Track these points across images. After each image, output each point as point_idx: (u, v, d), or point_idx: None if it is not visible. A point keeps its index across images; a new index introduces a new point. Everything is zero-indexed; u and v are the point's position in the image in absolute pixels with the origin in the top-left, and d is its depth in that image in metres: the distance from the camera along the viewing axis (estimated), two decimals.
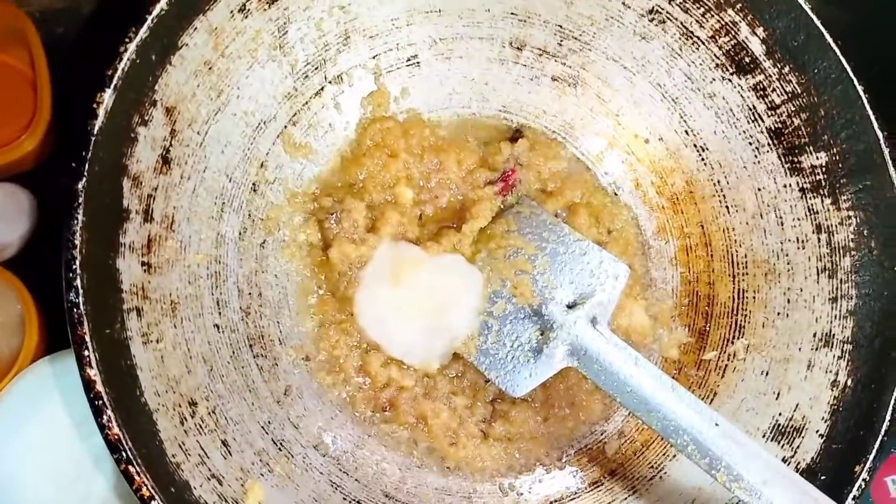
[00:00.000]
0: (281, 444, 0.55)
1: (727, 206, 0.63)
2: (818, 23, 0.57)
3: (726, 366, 0.61)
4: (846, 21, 0.79)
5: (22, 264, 0.60)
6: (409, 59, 0.63)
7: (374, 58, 0.62)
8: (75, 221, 0.45)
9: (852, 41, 0.58)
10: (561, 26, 0.63)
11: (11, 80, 0.63)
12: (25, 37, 0.61)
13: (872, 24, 0.78)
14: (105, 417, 0.44)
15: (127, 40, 0.48)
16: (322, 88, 0.61)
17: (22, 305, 0.57)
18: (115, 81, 0.47)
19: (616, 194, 0.66)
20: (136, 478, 0.44)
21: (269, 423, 0.55)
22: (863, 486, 0.52)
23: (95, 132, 0.46)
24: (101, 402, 0.44)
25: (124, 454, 0.44)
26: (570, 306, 0.59)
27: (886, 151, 0.56)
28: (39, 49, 0.61)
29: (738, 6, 0.59)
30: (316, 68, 0.60)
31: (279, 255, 0.59)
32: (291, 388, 0.57)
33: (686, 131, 0.64)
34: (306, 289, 0.60)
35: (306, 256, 0.60)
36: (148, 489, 0.44)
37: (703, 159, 0.64)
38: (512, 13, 0.63)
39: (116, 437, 0.44)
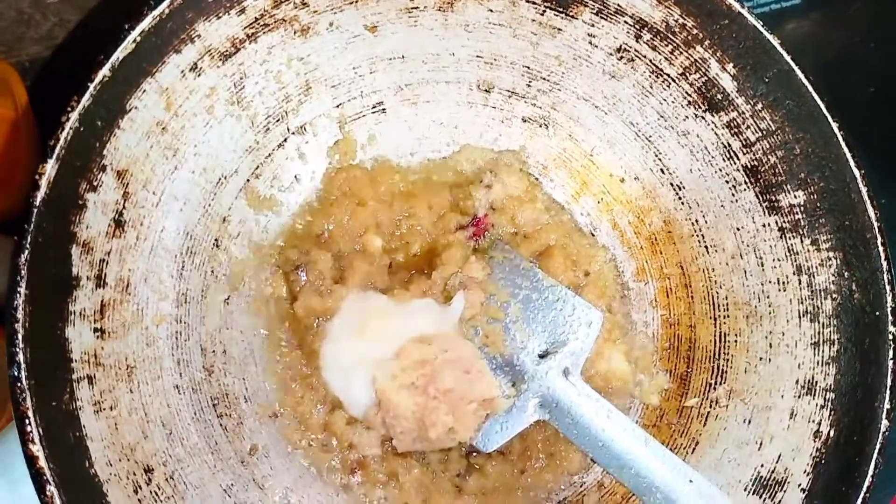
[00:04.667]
0: None
1: (706, 246, 0.61)
2: (788, 58, 0.55)
3: (708, 413, 0.59)
4: (843, 41, 0.77)
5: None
6: (374, 106, 0.62)
7: (338, 107, 0.61)
8: (17, 295, 0.45)
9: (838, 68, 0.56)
10: (528, 67, 0.62)
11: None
12: (10, 86, 0.61)
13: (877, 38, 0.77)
14: (48, 494, 0.44)
15: (69, 109, 0.47)
16: (285, 140, 0.60)
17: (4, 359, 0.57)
18: (56, 151, 0.47)
19: (593, 235, 0.65)
20: None
21: (231, 485, 0.54)
22: None
23: (37, 203, 0.46)
24: (43, 477, 0.44)
25: None
26: (542, 356, 0.57)
27: (864, 190, 0.54)
28: (24, 98, 0.61)
29: (707, 43, 0.57)
30: (277, 120, 0.59)
31: (245, 311, 0.59)
32: (257, 447, 0.56)
33: (661, 170, 0.62)
34: (273, 344, 0.59)
35: (273, 311, 0.59)
36: None
37: (680, 198, 0.62)
38: (478, 56, 0.62)
39: None
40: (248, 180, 0.59)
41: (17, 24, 0.68)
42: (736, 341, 0.59)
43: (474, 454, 0.59)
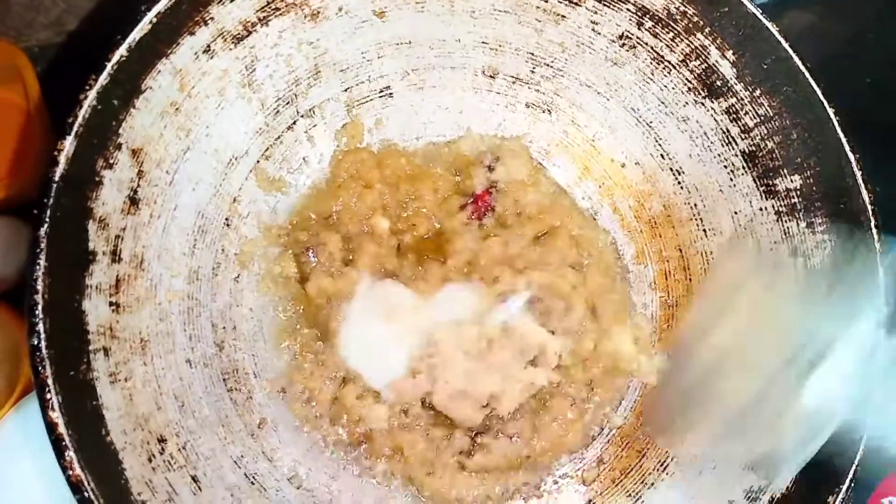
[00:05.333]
0: (254, 477, 0.55)
1: (704, 230, 0.63)
2: (786, 45, 0.56)
3: None
4: (843, 33, 0.78)
5: (20, 296, 0.61)
6: (381, 91, 0.64)
7: (346, 90, 0.63)
8: (37, 267, 0.46)
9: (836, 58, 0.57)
10: (532, 54, 0.63)
11: (9, 115, 0.64)
12: (21, 72, 0.63)
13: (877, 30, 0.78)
14: (67, 458, 0.45)
15: (87, 87, 0.49)
16: (294, 122, 0.62)
17: (18, 336, 0.58)
18: (75, 129, 0.48)
19: (594, 218, 0.66)
20: None
21: (241, 457, 0.56)
22: None
23: (56, 179, 0.47)
24: (63, 443, 0.45)
25: (86, 494, 0.45)
26: None
27: (859, 174, 0.55)
28: (34, 83, 0.62)
29: (707, 30, 0.58)
30: (287, 103, 0.61)
31: (254, 289, 0.60)
32: (266, 420, 0.58)
33: (662, 155, 0.64)
34: (281, 321, 0.60)
35: (282, 289, 0.61)
36: None
37: (679, 183, 0.63)
38: (483, 42, 0.63)
39: (78, 477, 0.45)
40: (257, 161, 0.60)
41: (27, 10, 0.70)
42: None
43: (481, 434, 0.61)
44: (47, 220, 0.47)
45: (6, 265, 0.62)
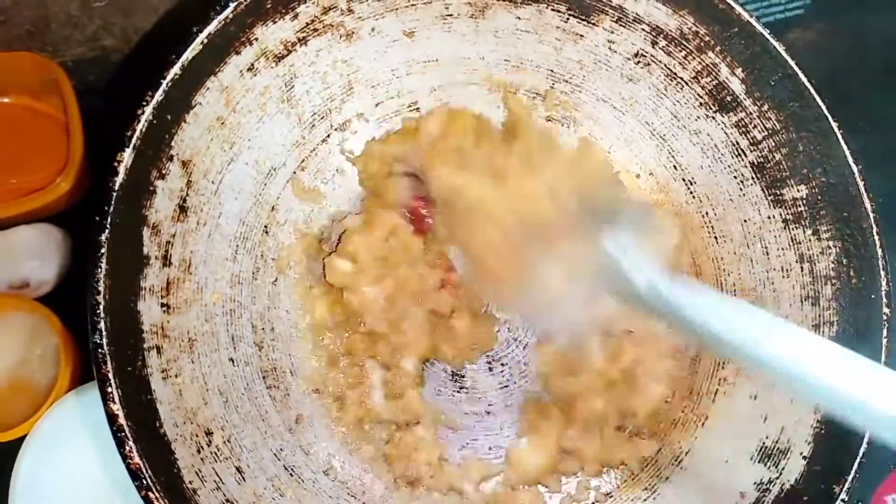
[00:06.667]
0: (292, 469, 0.59)
1: (715, 237, 0.66)
2: (793, 63, 0.60)
3: (717, 390, 0.64)
4: (844, 49, 0.82)
5: (58, 299, 0.64)
6: (409, 105, 0.67)
7: (377, 105, 0.66)
8: (99, 269, 0.50)
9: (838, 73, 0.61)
10: (552, 70, 0.67)
11: (47, 127, 0.68)
12: (58, 85, 0.66)
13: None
14: (127, 448, 0.49)
15: (144, 103, 0.53)
16: (328, 136, 0.65)
17: (58, 338, 0.61)
18: (133, 141, 0.52)
19: None
20: (156, 503, 0.49)
21: (280, 450, 0.59)
22: None
23: (116, 188, 0.51)
24: (123, 434, 0.49)
25: (144, 481, 0.49)
26: None
27: (861, 185, 0.59)
28: (72, 96, 0.65)
29: (718, 49, 0.62)
30: (322, 118, 0.65)
31: (290, 293, 0.64)
32: (302, 416, 0.61)
33: (674, 166, 0.67)
34: (316, 324, 0.64)
35: (318, 294, 0.64)
36: None
37: (691, 192, 0.67)
38: (505, 59, 0.67)
39: (137, 465, 0.49)
40: (294, 172, 0.64)
41: (65, 27, 0.73)
42: None
43: None
44: (108, 226, 0.51)
45: (46, 270, 0.65)
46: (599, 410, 0.62)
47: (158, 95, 0.53)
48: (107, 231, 0.51)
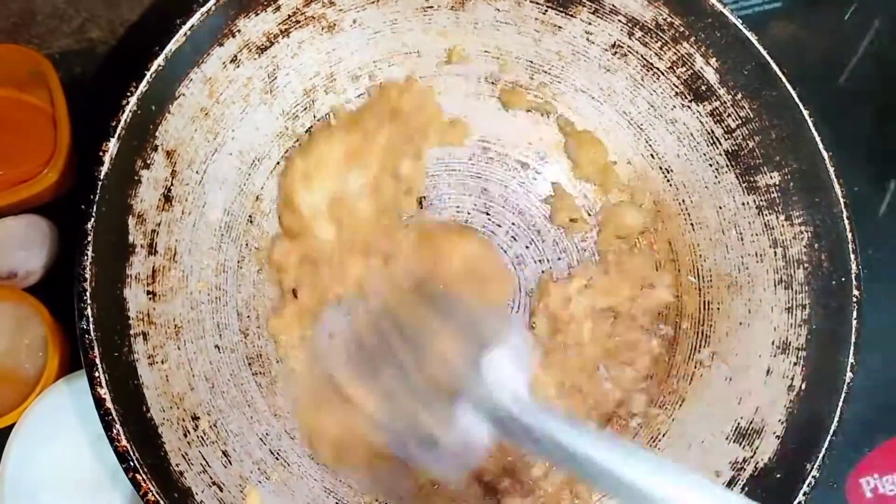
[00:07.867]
0: (278, 453, 0.60)
1: (692, 224, 0.67)
2: (765, 53, 0.61)
3: (693, 373, 0.65)
4: (822, 43, 0.84)
5: (44, 289, 0.65)
6: None
7: (359, 97, 0.68)
8: (85, 257, 0.51)
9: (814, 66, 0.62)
10: (531, 62, 0.68)
11: (33, 119, 0.68)
12: (45, 78, 0.66)
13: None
14: (114, 431, 0.50)
15: (129, 93, 0.54)
16: (311, 126, 0.66)
17: (45, 328, 0.62)
18: (118, 131, 0.53)
19: (590, 214, 0.71)
20: (143, 484, 0.50)
21: (266, 434, 0.60)
22: (813, 483, 0.56)
23: (102, 177, 0.52)
24: (110, 417, 0.50)
25: (131, 463, 0.50)
26: None
27: (832, 171, 0.60)
28: (58, 88, 0.66)
29: (692, 39, 0.64)
30: (305, 109, 0.66)
31: (274, 282, 0.65)
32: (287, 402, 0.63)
33: (651, 155, 0.69)
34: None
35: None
36: (153, 494, 0.50)
37: (668, 180, 0.68)
38: (485, 51, 0.68)
39: (125, 448, 0.50)
40: (278, 163, 0.65)
41: (52, 19, 0.74)
42: (718, 309, 0.66)
43: None
44: (94, 215, 0.52)
45: (33, 260, 0.66)
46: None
47: (143, 86, 0.54)
48: (93, 219, 0.52)
